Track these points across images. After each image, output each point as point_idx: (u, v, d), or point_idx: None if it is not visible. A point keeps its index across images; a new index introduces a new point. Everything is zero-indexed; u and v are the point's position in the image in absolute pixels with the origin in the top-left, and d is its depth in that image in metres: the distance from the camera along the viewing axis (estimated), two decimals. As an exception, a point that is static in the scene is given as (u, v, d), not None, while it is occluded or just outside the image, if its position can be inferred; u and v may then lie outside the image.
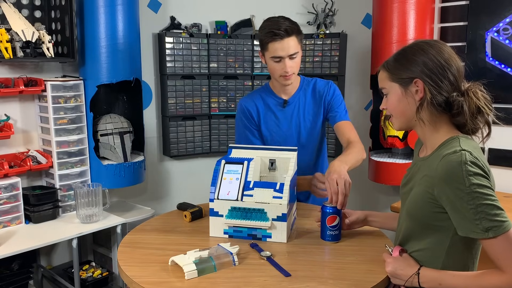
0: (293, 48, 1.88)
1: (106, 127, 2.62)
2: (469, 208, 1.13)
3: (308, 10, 3.16)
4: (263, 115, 2.04)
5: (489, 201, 1.13)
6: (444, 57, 1.24)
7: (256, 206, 1.59)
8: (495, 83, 2.57)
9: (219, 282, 1.33)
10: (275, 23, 1.87)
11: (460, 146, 1.19)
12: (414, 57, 1.26)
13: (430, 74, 1.23)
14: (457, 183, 1.14)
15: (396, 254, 1.33)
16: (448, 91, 1.23)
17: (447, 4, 2.75)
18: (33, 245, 2.13)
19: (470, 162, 1.14)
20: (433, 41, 1.29)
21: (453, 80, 1.24)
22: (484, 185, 1.13)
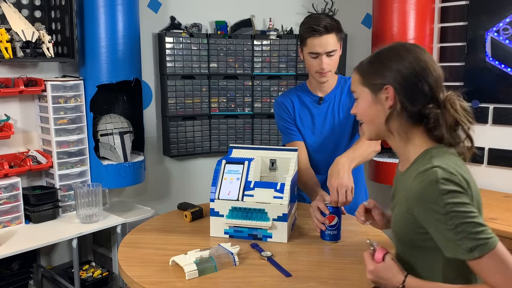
0: (331, 45, 1.87)
1: (106, 127, 2.62)
2: (449, 229, 1.04)
3: (308, 10, 3.16)
4: (298, 111, 2.04)
5: (469, 219, 1.04)
6: (421, 65, 1.15)
7: (256, 206, 1.59)
8: (495, 83, 2.58)
9: (220, 282, 1.33)
10: (315, 19, 1.87)
11: (432, 162, 1.10)
12: (389, 63, 1.17)
13: (403, 83, 1.15)
14: (431, 204, 1.06)
15: (379, 258, 1.20)
16: (422, 102, 1.14)
17: (447, 4, 2.75)
18: (33, 245, 2.13)
19: (443, 179, 1.05)
20: (413, 46, 1.20)
21: (428, 91, 1.14)
22: (461, 203, 1.04)
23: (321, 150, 2.03)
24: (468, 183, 1.08)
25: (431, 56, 1.18)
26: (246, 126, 3.24)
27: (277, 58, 3.14)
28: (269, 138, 3.24)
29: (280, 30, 3.19)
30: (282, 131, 2.10)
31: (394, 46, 1.21)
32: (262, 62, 3.15)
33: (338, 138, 2.02)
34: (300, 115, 2.04)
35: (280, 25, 3.20)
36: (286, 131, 2.06)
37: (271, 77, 3.17)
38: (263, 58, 3.14)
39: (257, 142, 3.24)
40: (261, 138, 3.24)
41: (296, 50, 3.13)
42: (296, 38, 3.12)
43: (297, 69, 3.16)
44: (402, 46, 1.20)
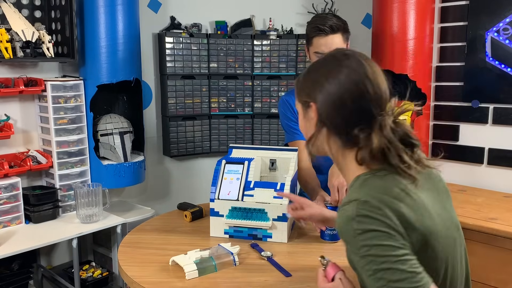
0: (337, 45, 1.88)
1: (106, 127, 2.62)
2: (368, 274, 0.91)
3: (308, 10, 3.16)
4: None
5: (388, 264, 0.88)
6: (352, 85, 1.00)
7: (256, 206, 1.59)
8: (495, 83, 2.58)
9: (220, 282, 1.33)
10: (322, 19, 1.89)
11: (354, 193, 0.98)
12: (317, 79, 1.05)
13: (328, 103, 1.02)
14: (350, 244, 0.95)
15: (330, 277, 1.08)
16: (349, 124, 1.01)
17: (447, 4, 2.75)
18: (33, 245, 2.13)
19: (359, 216, 0.92)
20: (350, 60, 1.03)
21: (357, 112, 1.00)
22: (379, 245, 0.89)
23: None
24: (401, 217, 0.92)
25: (374, 70, 1.02)
26: (246, 126, 3.24)
27: (277, 58, 3.14)
28: (269, 138, 3.24)
29: (280, 30, 3.19)
30: (285, 130, 2.10)
31: (327, 61, 1.07)
32: (262, 62, 3.15)
33: None
34: (296, 119, 2.04)
35: (280, 25, 3.20)
36: (289, 129, 2.06)
37: (271, 77, 3.17)
38: (263, 58, 3.14)
39: (257, 142, 3.24)
40: (261, 138, 3.24)
41: (296, 50, 3.13)
42: (296, 38, 3.12)
43: (297, 69, 3.15)
44: (336, 60, 1.05)
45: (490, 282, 2.13)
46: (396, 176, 0.98)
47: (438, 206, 1.03)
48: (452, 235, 1.04)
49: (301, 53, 3.13)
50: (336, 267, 1.10)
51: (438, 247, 0.97)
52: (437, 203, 1.03)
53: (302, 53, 3.13)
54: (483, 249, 2.11)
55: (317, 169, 2.02)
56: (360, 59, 1.03)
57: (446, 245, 1.00)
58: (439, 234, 0.97)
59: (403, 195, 0.95)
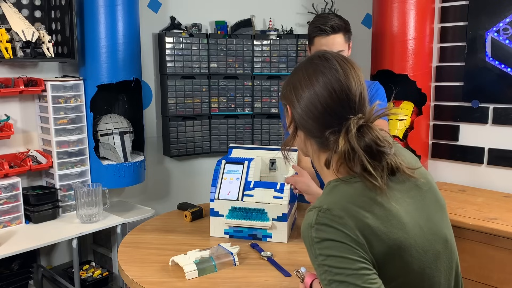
0: (338, 45, 1.88)
1: (106, 127, 2.62)
2: (323, 284, 0.90)
3: (308, 10, 3.16)
4: None
5: (342, 276, 0.86)
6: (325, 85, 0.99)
7: (256, 206, 1.59)
8: (495, 83, 2.58)
9: (220, 282, 1.33)
10: (323, 19, 1.89)
11: (320, 199, 0.97)
12: (293, 81, 1.06)
13: (301, 107, 1.02)
14: (308, 251, 0.94)
15: (308, 285, 1.11)
16: (321, 126, 1.00)
17: (447, 4, 2.75)
18: (33, 245, 2.13)
19: (318, 225, 0.90)
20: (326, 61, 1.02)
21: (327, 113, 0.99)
22: (333, 255, 0.88)
23: None
24: (364, 228, 0.90)
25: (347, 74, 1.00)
26: (246, 126, 3.24)
27: (277, 58, 3.14)
28: (269, 138, 3.24)
29: (280, 30, 3.19)
30: (285, 128, 2.09)
31: (304, 64, 1.06)
32: (262, 62, 3.15)
33: None
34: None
35: (280, 25, 3.20)
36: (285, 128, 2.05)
37: (271, 77, 3.17)
38: (263, 58, 3.14)
39: (257, 142, 3.24)
40: (261, 138, 3.24)
41: (296, 50, 3.13)
42: (296, 38, 3.12)
43: (297, 69, 3.15)
44: (311, 64, 1.04)
45: (490, 282, 2.13)
46: (367, 185, 0.95)
47: (421, 217, 0.99)
48: (434, 248, 0.99)
49: (301, 53, 3.13)
50: (312, 275, 1.12)
51: (410, 259, 0.93)
52: (420, 214, 0.99)
53: (302, 53, 3.13)
54: (483, 249, 2.11)
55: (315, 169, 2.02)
56: (336, 62, 1.01)
57: (423, 258, 0.96)
58: (412, 246, 0.94)
59: (371, 204, 0.93)
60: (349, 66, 1.02)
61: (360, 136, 0.94)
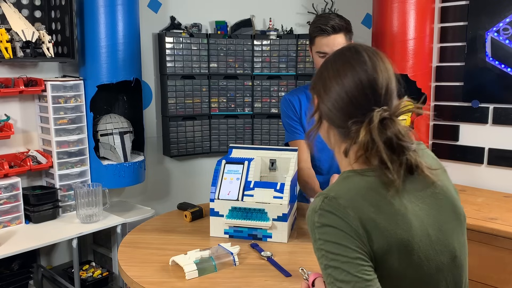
0: (339, 45, 1.84)
1: (106, 127, 2.62)
2: (321, 268, 0.92)
3: (308, 10, 3.16)
4: (305, 109, 2.03)
5: (337, 262, 0.88)
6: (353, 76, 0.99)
7: (256, 206, 1.59)
8: (495, 83, 2.58)
9: (220, 282, 1.33)
10: (324, 19, 1.89)
11: (330, 187, 0.98)
12: (322, 71, 1.07)
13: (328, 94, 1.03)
14: (310, 235, 0.95)
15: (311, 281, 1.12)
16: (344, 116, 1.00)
17: (447, 4, 2.75)
18: (33, 245, 2.13)
19: (322, 210, 0.92)
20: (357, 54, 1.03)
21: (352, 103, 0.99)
22: (331, 241, 0.90)
23: (325, 149, 2.02)
24: (367, 221, 0.90)
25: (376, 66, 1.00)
26: (246, 126, 3.24)
27: (277, 58, 3.14)
28: (269, 138, 3.24)
29: (280, 30, 3.19)
30: (286, 129, 2.09)
31: (336, 55, 1.07)
32: (262, 62, 3.15)
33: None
34: (307, 113, 2.03)
35: (280, 25, 3.20)
36: (290, 129, 2.06)
37: (271, 77, 3.17)
38: (263, 58, 3.14)
39: (257, 142, 3.24)
40: (261, 138, 3.24)
41: (296, 50, 3.13)
42: (296, 38, 3.12)
43: (297, 69, 3.16)
44: (342, 56, 1.05)
45: (490, 282, 2.13)
46: (381, 180, 0.95)
47: (431, 225, 0.97)
48: (439, 259, 0.96)
49: (301, 53, 3.13)
50: (315, 274, 1.13)
51: (409, 263, 0.92)
52: (432, 222, 0.97)
53: (302, 53, 3.13)
54: (483, 249, 2.11)
55: (317, 169, 2.02)
56: (365, 54, 1.02)
57: (424, 266, 0.94)
58: (415, 251, 0.93)
59: (379, 200, 0.93)
60: (378, 59, 1.02)
61: (382, 128, 0.95)
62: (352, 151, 1.00)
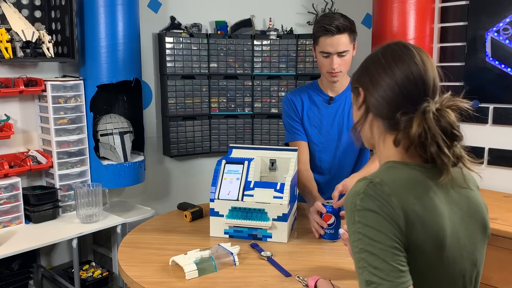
0: (343, 45, 1.87)
1: (106, 127, 2.62)
2: (354, 251, 0.91)
3: (308, 10, 3.16)
4: (307, 110, 2.03)
5: (374, 249, 0.88)
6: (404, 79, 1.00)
7: (256, 206, 1.59)
8: (495, 83, 2.58)
9: (220, 282, 1.33)
10: (328, 19, 1.88)
11: (374, 173, 0.98)
12: (368, 65, 1.08)
13: (375, 86, 1.04)
14: (347, 217, 0.95)
15: (312, 285, 1.18)
16: (393, 107, 1.01)
17: (447, 4, 2.75)
18: (33, 245, 2.13)
19: (365, 194, 0.92)
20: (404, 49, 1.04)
21: (401, 95, 1.00)
22: (371, 226, 0.89)
23: (327, 150, 2.02)
24: (410, 213, 0.91)
25: (424, 59, 1.02)
26: (246, 126, 3.24)
27: (277, 58, 3.14)
28: (269, 138, 3.24)
29: (280, 30, 3.19)
30: (286, 128, 2.08)
31: (380, 50, 1.08)
32: (262, 62, 3.15)
33: (345, 141, 2.00)
34: (309, 114, 2.03)
35: (280, 25, 3.20)
36: (291, 129, 2.05)
37: (271, 77, 3.17)
38: (263, 58, 3.14)
39: (257, 142, 3.24)
40: (261, 138, 3.24)
41: (296, 50, 3.13)
42: (296, 38, 3.12)
43: (297, 69, 3.16)
44: (390, 51, 1.05)
45: (490, 282, 2.13)
46: (428, 176, 0.97)
47: (462, 230, 0.98)
48: (463, 264, 0.98)
49: (301, 53, 3.13)
50: (313, 278, 1.18)
51: (440, 260, 0.93)
52: (463, 227, 0.99)
53: (302, 53, 3.13)
54: (483, 249, 2.11)
55: (318, 169, 2.02)
56: (413, 49, 1.04)
57: (450, 267, 0.95)
58: (445, 250, 0.94)
59: (422, 194, 0.94)
60: (425, 54, 1.04)
61: (437, 118, 0.95)
62: (403, 141, 1.00)
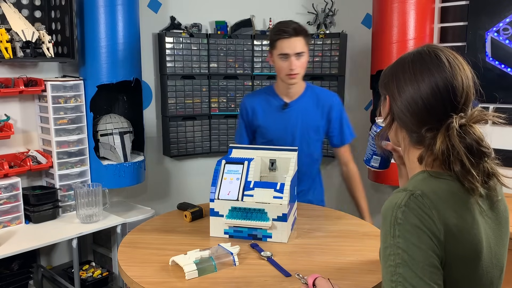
0: (300, 47, 1.97)
1: (106, 127, 2.62)
2: (388, 264, 0.88)
3: (308, 10, 3.16)
4: (263, 114, 2.10)
5: (413, 265, 0.86)
6: (429, 82, 0.96)
7: (256, 206, 1.59)
8: (495, 83, 2.58)
9: (220, 282, 1.33)
10: (285, 23, 1.99)
11: (413, 184, 0.95)
12: (396, 72, 1.03)
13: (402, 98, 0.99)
14: (385, 229, 0.91)
15: (311, 283, 1.18)
16: (417, 122, 0.98)
17: (447, 4, 2.75)
18: (33, 245, 2.13)
19: (407, 206, 0.89)
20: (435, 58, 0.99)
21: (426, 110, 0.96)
22: (412, 242, 0.86)
23: None
24: (448, 227, 0.88)
25: (455, 72, 0.97)
26: (246, 126, 3.23)
27: (277, 58, 3.14)
28: (269, 138, 3.24)
29: (280, 30, 3.18)
30: (237, 129, 2.21)
31: (411, 57, 1.02)
32: (262, 62, 3.15)
33: (299, 147, 2.01)
34: (265, 117, 2.11)
35: (280, 25, 3.19)
36: (239, 131, 2.18)
37: (271, 77, 3.17)
38: (263, 58, 3.14)
39: (257, 142, 3.24)
40: (261, 138, 3.24)
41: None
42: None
43: (297, 69, 3.15)
44: (419, 58, 1.00)
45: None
46: (461, 185, 0.94)
47: (493, 240, 0.97)
48: (493, 273, 0.97)
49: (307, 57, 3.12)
50: (312, 275, 1.18)
51: (475, 273, 0.92)
52: (494, 236, 0.98)
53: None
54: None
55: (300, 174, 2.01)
56: (445, 59, 0.98)
57: (483, 278, 0.95)
58: (480, 262, 0.92)
59: (460, 206, 0.92)
60: (458, 64, 0.99)
61: (461, 135, 0.92)
62: (427, 157, 0.97)
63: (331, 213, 1.93)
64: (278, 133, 2.08)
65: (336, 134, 2.11)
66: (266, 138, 2.10)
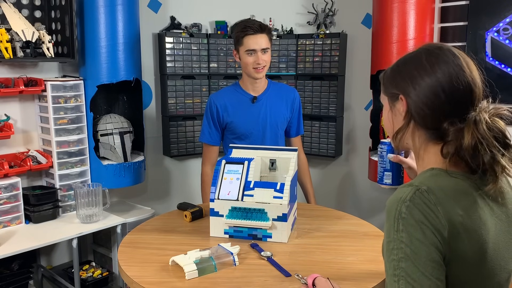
0: (265, 43, 2.11)
1: (106, 127, 2.62)
2: (391, 258, 0.89)
3: (308, 10, 3.16)
4: (233, 109, 2.20)
5: (415, 260, 0.86)
6: (447, 81, 0.95)
7: (256, 206, 1.59)
8: (495, 83, 2.58)
9: (220, 282, 1.33)
10: (249, 21, 2.18)
11: (420, 179, 0.94)
12: (409, 70, 1.01)
13: (419, 97, 0.97)
14: (389, 223, 0.91)
15: (310, 285, 1.20)
16: (439, 118, 0.96)
17: (447, 4, 2.75)
18: (33, 245, 2.13)
19: (411, 201, 0.88)
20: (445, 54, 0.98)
21: (449, 107, 0.95)
22: (415, 237, 0.87)
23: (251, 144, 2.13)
24: (454, 224, 0.88)
25: (469, 64, 0.98)
26: (246, 126, 3.23)
27: (277, 58, 3.14)
28: (269, 138, 3.24)
29: (280, 30, 3.19)
30: (202, 128, 2.27)
31: (420, 53, 1.02)
32: (262, 62, 3.14)
33: (269, 136, 2.22)
34: (234, 113, 2.19)
35: (280, 25, 3.20)
36: (208, 130, 2.23)
37: (271, 77, 3.16)
38: (263, 58, 3.14)
39: (257, 142, 3.23)
40: (261, 138, 3.24)
41: (296, 50, 3.13)
42: (296, 38, 3.12)
43: (297, 69, 3.16)
44: (430, 53, 0.99)
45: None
46: (472, 187, 0.93)
47: (502, 241, 0.95)
48: (500, 275, 0.95)
49: (301, 53, 3.13)
50: (312, 275, 1.21)
51: (480, 272, 0.92)
52: (502, 238, 0.96)
53: (302, 53, 3.13)
54: None
55: None
56: (455, 51, 0.98)
57: (488, 278, 0.94)
58: (486, 262, 0.92)
59: (468, 204, 0.91)
60: (469, 58, 0.99)
61: (490, 127, 0.92)
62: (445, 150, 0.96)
63: (331, 213, 1.93)
64: (249, 127, 2.19)
65: (294, 125, 2.32)
66: (236, 133, 2.20)
